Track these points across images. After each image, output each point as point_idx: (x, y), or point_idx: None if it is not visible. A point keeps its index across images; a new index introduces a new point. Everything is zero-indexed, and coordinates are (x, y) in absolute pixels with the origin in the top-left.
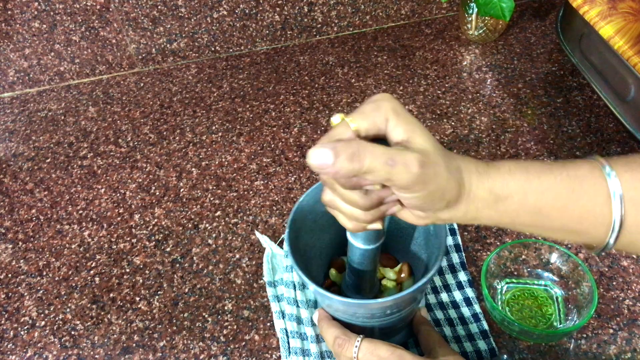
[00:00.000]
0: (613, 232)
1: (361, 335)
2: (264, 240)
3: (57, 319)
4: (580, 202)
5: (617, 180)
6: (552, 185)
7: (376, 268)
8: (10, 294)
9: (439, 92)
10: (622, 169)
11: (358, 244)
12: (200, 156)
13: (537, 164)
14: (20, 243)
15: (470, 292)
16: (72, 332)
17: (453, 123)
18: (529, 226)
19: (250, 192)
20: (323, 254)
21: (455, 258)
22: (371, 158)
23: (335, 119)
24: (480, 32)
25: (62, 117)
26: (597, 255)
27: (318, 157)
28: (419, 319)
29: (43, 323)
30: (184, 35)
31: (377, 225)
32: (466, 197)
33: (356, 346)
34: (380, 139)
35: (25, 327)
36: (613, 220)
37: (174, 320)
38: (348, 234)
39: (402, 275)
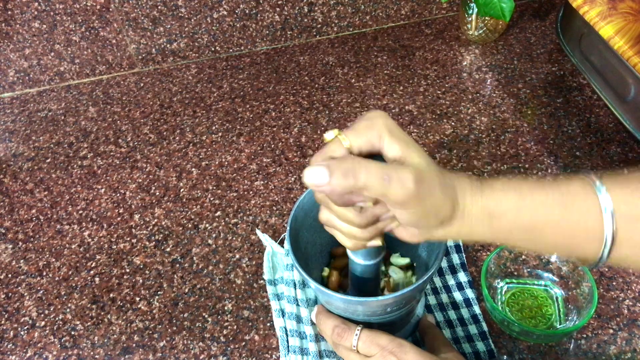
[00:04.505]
0: (605, 247)
1: (361, 325)
2: (265, 238)
3: (57, 319)
4: (573, 217)
5: (608, 195)
6: (545, 202)
7: (378, 281)
8: (10, 294)
9: (439, 92)
10: (612, 184)
11: (358, 260)
12: (200, 156)
13: (530, 182)
14: (20, 243)
15: (470, 293)
16: (72, 332)
17: (453, 123)
18: (522, 242)
19: (250, 192)
20: (324, 251)
21: (455, 259)
22: (366, 174)
23: (329, 135)
24: (480, 32)
25: (62, 117)
26: (592, 269)
27: (314, 176)
28: (425, 323)
29: (43, 323)
30: (184, 36)
31: (377, 242)
32: (460, 215)
33: (356, 334)
34: (375, 155)
35: (25, 327)
36: (605, 235)
37: (174, 321)
38: (348, 251)
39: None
